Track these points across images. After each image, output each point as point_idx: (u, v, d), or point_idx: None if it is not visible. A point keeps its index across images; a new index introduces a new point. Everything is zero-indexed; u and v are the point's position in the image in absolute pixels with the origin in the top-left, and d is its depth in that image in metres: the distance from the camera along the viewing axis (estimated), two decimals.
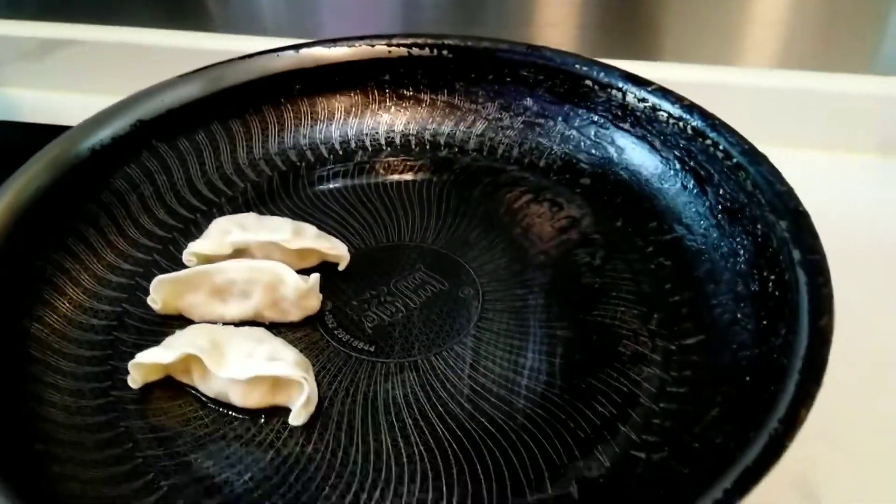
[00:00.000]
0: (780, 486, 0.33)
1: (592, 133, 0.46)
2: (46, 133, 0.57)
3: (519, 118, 0.48)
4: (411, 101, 0.50)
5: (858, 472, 0.34)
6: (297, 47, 0.48)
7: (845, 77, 0.54)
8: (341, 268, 0.40)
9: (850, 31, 0.58)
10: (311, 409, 0.32)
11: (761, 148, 0.38)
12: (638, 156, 0.44)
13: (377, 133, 0.49)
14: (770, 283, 0.34)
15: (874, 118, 0.54)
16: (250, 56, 0.47)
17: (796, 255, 0.32)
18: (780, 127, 0.52)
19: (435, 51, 0.48)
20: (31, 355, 0.34)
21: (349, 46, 0.48)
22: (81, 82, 0.67)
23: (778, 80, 0.55)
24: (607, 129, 0.45)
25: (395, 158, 0.48)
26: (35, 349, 0.34)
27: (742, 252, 0.37)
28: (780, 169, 0.37)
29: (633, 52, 0.58)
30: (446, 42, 0.48)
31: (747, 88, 0.55)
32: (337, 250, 0.40)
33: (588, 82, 0.45)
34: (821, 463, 0.34)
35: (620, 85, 0.44)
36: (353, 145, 0.49)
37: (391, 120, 0.49)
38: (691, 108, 0.41)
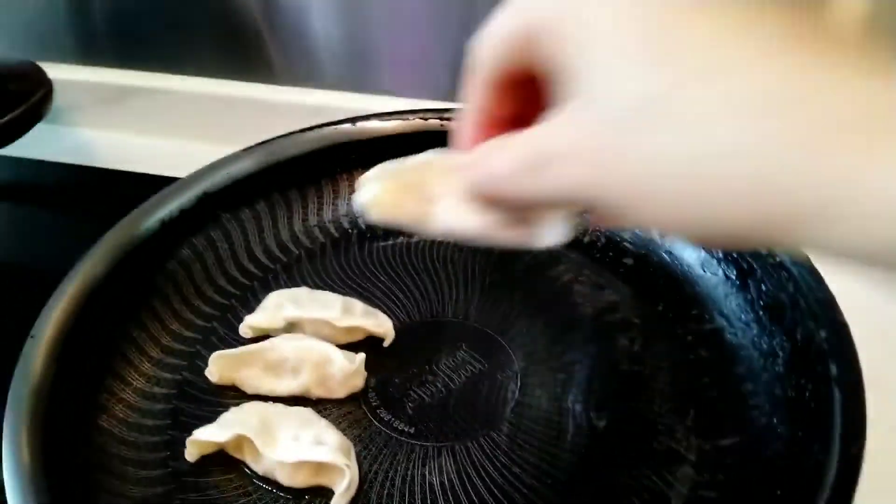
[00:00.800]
0: None
1: None
2: (121, 178, 0.61)
3: None
4: None
5: None
6: (353, 120, 0.50)
7: None
8: (386, 344, 0.41)
9: None
10: (352, 493, 0.34)
11: None
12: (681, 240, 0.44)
13: None
14: (807, 392, 0.34)
15: None
16: (310, 129, 0.49)
17: (833, 369, 0.32)
18: None
19: None
20: (100, 427, 0.36)
21: (403, 120, 0.50)
22: (153, 128, 0.71)
23: None
24: None
25: None
26: (104, 420, 0.37)
27: (781, 353, 0.37)
28: (825, 270, 0.37)
29: None
30: None
31: None
32: (382, 328, 0.41)
33: None
34: None
35: None
36: None
37: None
38: None
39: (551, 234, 0.25)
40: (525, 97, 0.22)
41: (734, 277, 0.41)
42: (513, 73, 0.22)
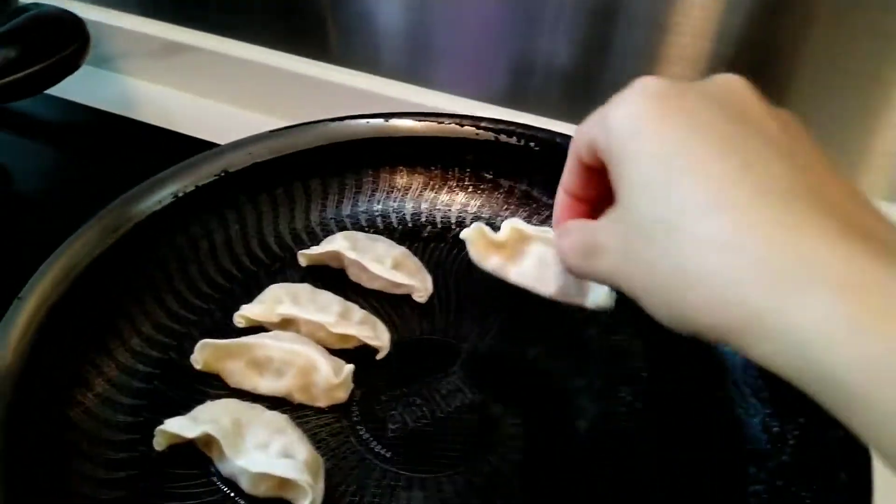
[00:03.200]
0: None
1: None
2: (160, 134, 0.61)
3: None
4: (489, 185, 0.49)
5: None
6: (387, 116, 0.48)
7: None
8: (379, 357, 0.40)
9: None
10: None
11: None
12: None
13: (449, 211, 0.49)
14: (810, 494, 0.31)
15: None
16: (340, 119, 0.48)
17: (843, 476, 0.29)
18: None
19: (522, 141, 0.48)
20: (77, 401, 0.36)
21: (438, 123, 0.48)
22: (200, 89, 0.71)
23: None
24: None
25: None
26: (81, 395, 0.36)
27: (791, 441, 0.34)
28: None
29: None
30: (535, 135, 0.47)
31: None
32: (378, 340, 0.40)
33: None
34: None
35: None
36: (423, 219, 0.49)
37: (466, 200, 0.49)
38: None
39: (597, 297, 0.34)
40: (605, 184, 0.27)
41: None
42: (590, 166, 0.28)
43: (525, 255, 0.37)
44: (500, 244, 0.37)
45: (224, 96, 0.70)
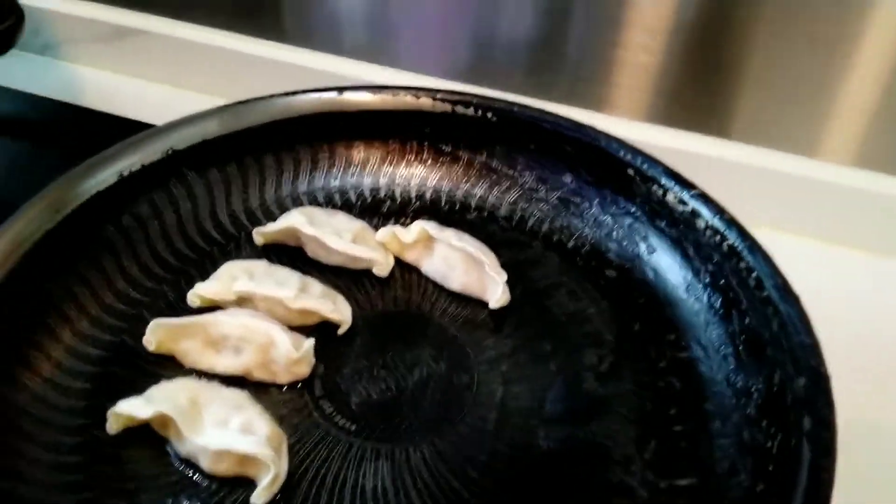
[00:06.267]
0: None
1: (627, 224, 0.44)
2: (106, 120, 0.59)
3: (555, 193, 0.46)
4: (448, 158, 0.49)
5: None
6: (340, 89, 0.47)
7: None
8: (340, 332, 0.39)
9: None
10: (275, 489, 0.32)
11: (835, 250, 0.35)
12: (668, 259, 0.42)
13: (409, 185, 0.48)
14: (776, 443, 0.31)
15: None
16: (292, 93, 0.47)
17: (807, 423, 0.30)
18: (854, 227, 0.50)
19: (479, 112, 0.47)
20: (21, 382, 0.34)
21: (394, 95, 0.48)
22: (148, 72, 0.69)
23: (854, 179, 0.52)
24: (642, 223, 0.43)
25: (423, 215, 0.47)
26: (28, 377, 0.34)
27: (755, 395, 0.34)
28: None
29: (706, 126, 0.55)
30: (492, 105, 0.47)
31: (818, 182, 0.52)
32: (339, 314, 0.39)
33: (630, 171, 0.43)
34: None
35: (663, 181, 0.42)
36: (382, 194, 0.48)
37: (425, 174, 0.48)
38: (731, 222, 0.39)
39: (497, 296, 0.40)
40: None
41: (718, 306, 0.38)
42: None
43: (434, 253, 0.42)
44: (411, 244, 0.42)
45: (175, 80, 0.68)
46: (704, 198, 0.40)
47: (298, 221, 0.42)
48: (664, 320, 0.40)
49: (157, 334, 0.36)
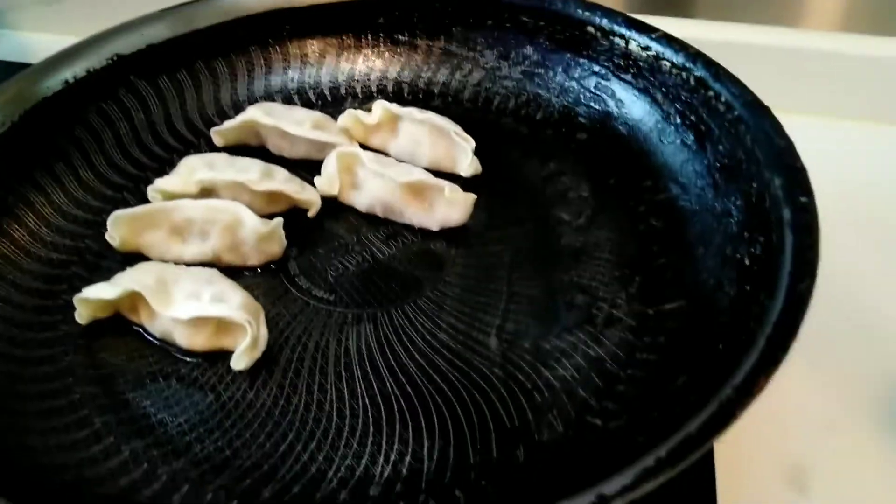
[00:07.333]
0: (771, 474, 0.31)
1: (593, 85, 0.43)
2: None
3: (518, 67, 0.45)
4: (406, 47, 0.47)
5: (853, 463, 0.31)
6: None
7: None
8: (311, 214, 0.38)
9: None
10: (256, 354, 0.31)
11: (806, 118, 0.34)
12: (638, 109, 0.41)
13: (369, 80, 0.47)
14: (758, 246, 0.30)
15: None
16: None
17: (786, 214, 0.29)
18: (829, 95, 0.49)
19: None
20: None
21: None
22: (89, 30, 0.66)
23: (824, 43, 0.50)
24: (608, 80, 0.42)
25: None
26: None
27: (735, 213, 0.33)
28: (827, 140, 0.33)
29: (671, 8, 0.54)
30: None
31: (790, 50, 0.51)
32: (307, 194, 0.38)
33: (590, 29, 0.42)
34: (816, 451, 0.31)
35: (624, 32, 0.41)
36: (343, 91, 0.46)
37: (384, 66, 0.47)
38: (696, 56, 0.38)
39: (466, 164, 0.39)
40: None
41: (691, 142, 0.38)
42: None
43: (399, 132, 0.41)
44: (375, 126, 0.41)
45: None
46: (667, 38, 0.39)
47: (256, 115, 0.40)
48: (640, 169, 0.39)
49: (120, 228, 0.35)
